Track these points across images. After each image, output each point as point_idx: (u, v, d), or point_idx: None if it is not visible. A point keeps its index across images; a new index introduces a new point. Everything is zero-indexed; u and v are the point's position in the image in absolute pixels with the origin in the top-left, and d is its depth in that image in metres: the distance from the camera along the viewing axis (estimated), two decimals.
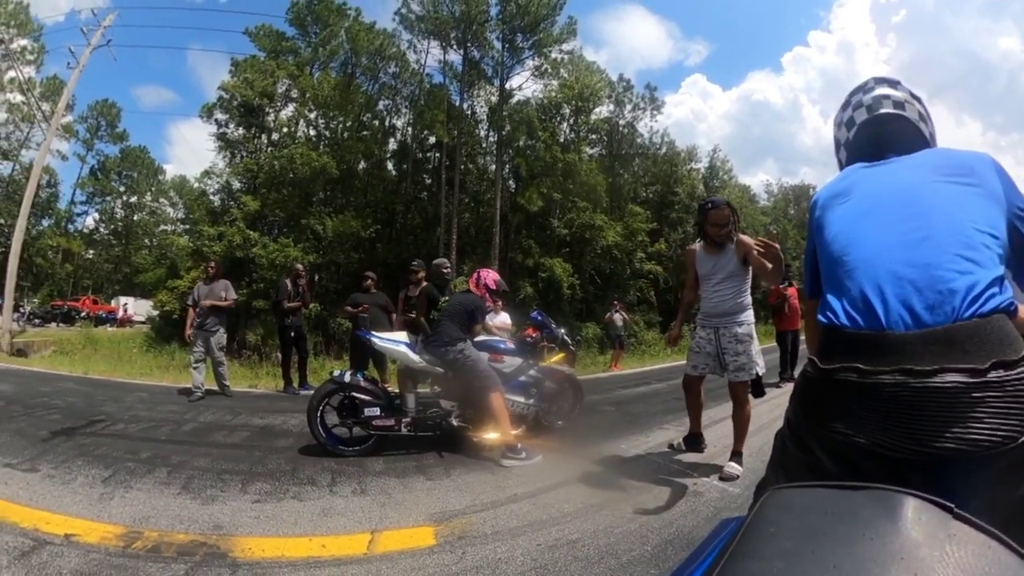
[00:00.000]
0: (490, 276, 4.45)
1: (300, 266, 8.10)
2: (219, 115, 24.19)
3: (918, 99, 1.32)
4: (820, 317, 1.10)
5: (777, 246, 2.44)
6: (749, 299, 3.67)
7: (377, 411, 3.98)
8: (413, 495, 3.13)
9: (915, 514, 0.67)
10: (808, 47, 74.63)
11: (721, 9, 72.20)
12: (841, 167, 1.39)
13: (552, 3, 24.97)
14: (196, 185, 28.07)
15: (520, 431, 4.23)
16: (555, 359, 4.70)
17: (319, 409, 3.96)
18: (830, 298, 1.10)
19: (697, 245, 3.83)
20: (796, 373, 6.57)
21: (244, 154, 24.28)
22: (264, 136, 24.79)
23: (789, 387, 6.79)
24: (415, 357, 4.20)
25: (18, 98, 30.30)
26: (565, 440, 4.53)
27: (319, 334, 17.75)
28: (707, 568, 0.73)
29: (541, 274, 23.27)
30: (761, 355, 3.60)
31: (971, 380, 0.88)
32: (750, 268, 3.58)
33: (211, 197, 25.22)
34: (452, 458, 3.90)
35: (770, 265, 2.86)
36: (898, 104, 1.28)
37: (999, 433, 0.85)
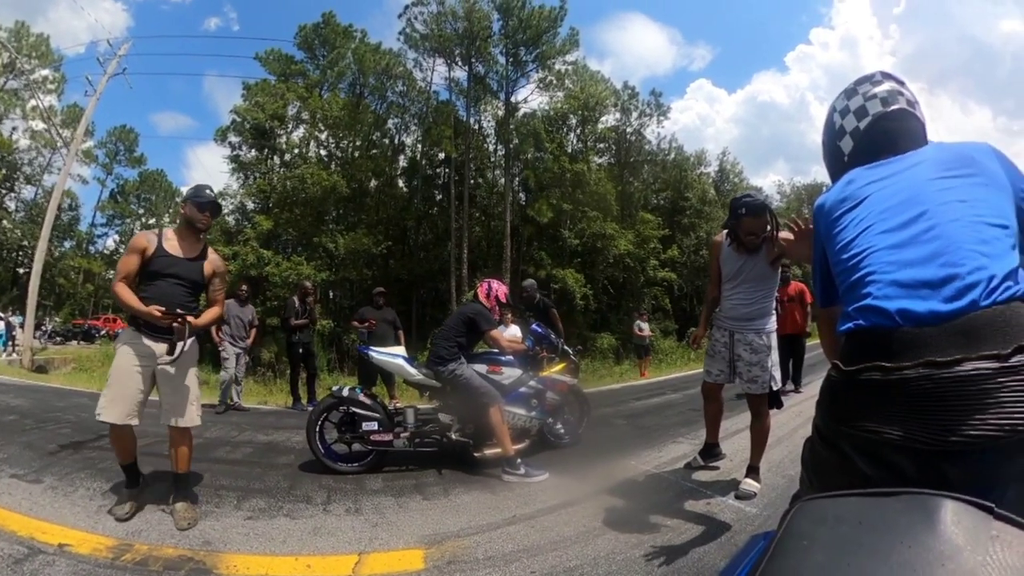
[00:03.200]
0: (502, 289, 4.38)
1: (308, 283, 8.14)
2: (232, 138, 25.07)
3: (918, 101, 1.32)
4: (840, 326, 1.10)
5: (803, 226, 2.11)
6: (772, 305, 3.38)
7: (375, 425, 3.90)
8: (407, 515, 3.02)
9: (954, 517, 0.65)
10: (811, 45, 74.34)
11: (722, 12, 72.52)
12: (839, 156, 1.36)
13: (552, 16, 25.22)
14: None
15: (524, 445, 4.12)
16: (556, 369, 4.58)
17: (318, 424, 3.90)
18: (849, 305, 1.10)
19: (724, 237, 3.42)
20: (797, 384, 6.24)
21: (257, 175, 24.96)
22: (276, 157, 25.47)
23: (798, 395, 6.50)
24: (412, 370, 4.14)
25: (40, 126, 31.56)
26: (571, 457, 4.39)
27: (332, 350, 17.87)
28: None
29: (553, 285, 23.18)
30: (778, 367, 3.32)
31: (995, 366, 0.88)
32: (779, 271, 3.38)
33: (226, 218, 25.75)
34: (452, 476, 3.79)
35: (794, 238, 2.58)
36: (911, 102, 1.28)
37: None
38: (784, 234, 3.03)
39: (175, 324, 2.78)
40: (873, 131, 1.28)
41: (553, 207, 24.81)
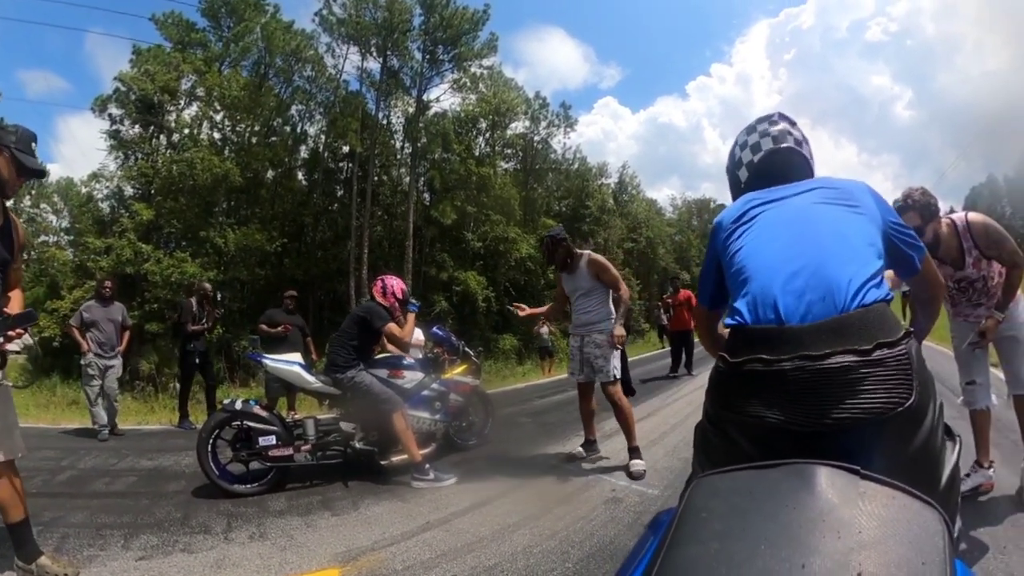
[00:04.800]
0: (397, 285, 4.25)
1: (207, 284, 7.37)
2: (114, 110, 21.16)
3: (807, 140, 1.53)
4: (728, 320, 1.23)
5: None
6: (608, 310, 4.03)
7: (273, 440, 3.68)
8: (317, 534, 2.92)
9: (828, 480, 0.76)
10: (711, 77, 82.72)
11: (636, 38, 78.77)
12: (738, 183, 1.56)
13: (475, 18, 25.02)
14: (83, 190, 24.98)
15: (431, 449, 4.12)
16: (457, 371, 4.63)
17: (209, 442, 3.60)
18: (736, 304, 1.23)
19: None
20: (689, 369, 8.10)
21: (139, 156, 21.43)
22: (163, 137, 22.09)
23: (692, 382, 7.50)
24: (310, 378, 3.98)
25: None
26: (479, 458, 4.47)
27: (221, 359, 16.45)
28: (649, 561, 0.78)
29: (455, 287, 23.13)
30: (618, 359, 3.96)
31: (859, 359, 1.00)
32: (601, 281, 4.03)
33: (99, 204, 22.44)
34: (360, 487, 3.71)
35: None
36: (798, 142, 1.49)
37: (887, 401, 0.98)
38: (596, 258, 4.08)
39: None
40: (763, 164, 1.48)
41: (457, 209, 24.68)
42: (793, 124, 1.52)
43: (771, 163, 1.47)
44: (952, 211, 2.92)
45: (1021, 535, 2.39)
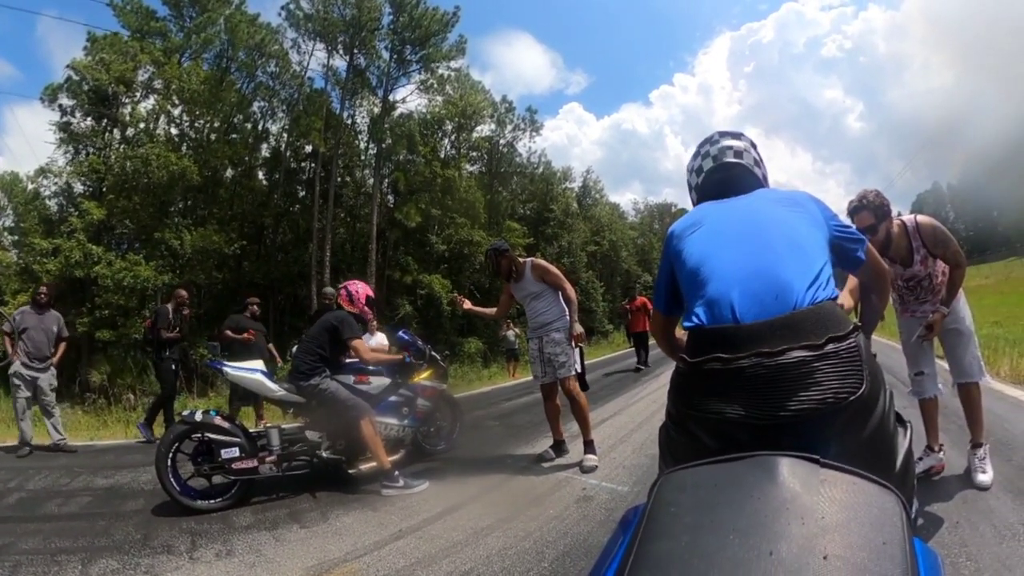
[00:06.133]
0: (361, 289, 4.23)
1: (183, 292, 7.06)
2: (65, 100, 19.89)
3: (754, 146, 1.57)
4: (686, 322, 1.26)
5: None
6: (560, 308, 4.16)
7: (235, 452, 3.55)
8: (287, 548, 2.83)
9: (790, 470, 0.79)
10: (673, 86, 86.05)
11: (602, 46, 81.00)
12: (694, 205, 1.61)
13: (444, 20, 24.83)
14: (29, 186, 23.46)
15: (400, 456, 4.09)
16: (424, 375, 4.61)
17: (169, 456, 3.45)
18: (693, 306, 1.27)
19: None
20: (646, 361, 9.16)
21: (91, 151, 20.18)
22: (116, 131, 20.79)
23: (655, 381, 7.77)
24: (273, 386, 3.89)
25: None
26: (449, 462, 4.45)
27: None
28: (622, 557, 0.79)
29: (419, 291, 22.92)
30: (578, 353, 4.11)
31: (812, 354, 1.07)
32: (549, 282, 4.18)
33: (47, 202, 21.12)
34: (328, 498, 3.64)
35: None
36: (738, 154, 1.52)
37: (840, 391, 1.04)
38: (539, 263, 4.24)
39: None
40: (706, 185, 1.55)
41: (421, 211, 24.47)
42: (737, 137, 1.56)
43: (713, 182, 1.53)
44: (901, 215, 3.10)
45: (972, 510, 2.55)
